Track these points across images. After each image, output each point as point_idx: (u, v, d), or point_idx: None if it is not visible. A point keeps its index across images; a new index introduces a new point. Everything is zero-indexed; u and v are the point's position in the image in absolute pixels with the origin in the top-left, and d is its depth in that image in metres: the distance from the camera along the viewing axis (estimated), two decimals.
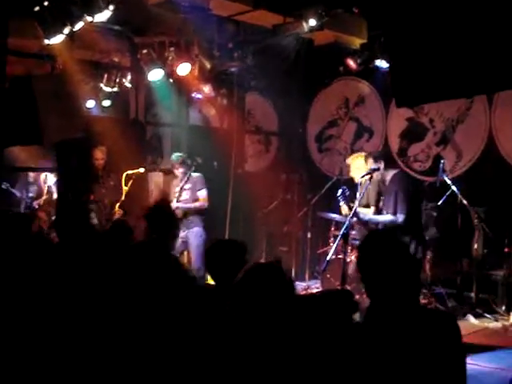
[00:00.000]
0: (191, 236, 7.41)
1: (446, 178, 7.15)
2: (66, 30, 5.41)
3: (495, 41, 4.73)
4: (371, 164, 6.17)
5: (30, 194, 8.75)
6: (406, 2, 5.15)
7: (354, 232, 6.79)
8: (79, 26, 5.28)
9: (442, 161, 7.44)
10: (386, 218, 6.09)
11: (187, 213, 7.44)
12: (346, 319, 2.66)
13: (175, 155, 7.79)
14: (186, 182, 7.55)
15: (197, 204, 7.52)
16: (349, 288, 6.01)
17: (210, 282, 3.45)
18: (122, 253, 3.17)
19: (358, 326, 2.64)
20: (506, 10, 4.62)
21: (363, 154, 6.84)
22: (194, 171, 7.64)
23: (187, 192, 7.55)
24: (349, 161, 7.11)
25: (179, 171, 7.63)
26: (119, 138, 7.99)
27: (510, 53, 4.66)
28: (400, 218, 5.94)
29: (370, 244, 2.75)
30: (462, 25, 4.85)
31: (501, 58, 4.73)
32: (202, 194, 7.61)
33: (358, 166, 6.71)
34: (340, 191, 6.33)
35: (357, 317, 2.83)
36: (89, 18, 5.07)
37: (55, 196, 8.61)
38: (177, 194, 7.44)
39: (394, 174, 6.26)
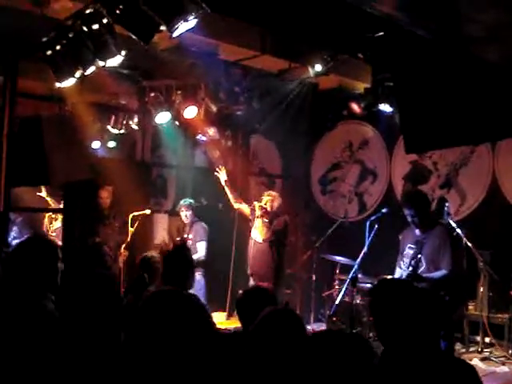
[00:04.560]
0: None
1: (450, 221, 7.16)
2: (78, 74, 5.46)
3: (499, 92, 4.84)
4: None
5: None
6: (413, 51, 5.26)
7: (360, 275, 6.78)
8: (91, 70, 5.35)
9: (446, 204, 7.45)
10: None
11: None
12: (366, 362, 2.64)
13: (184, 199, 7.86)
14: (189, 231, 7.65)
15: (194, 256, 7.47)
16: (355, 332, 5.98)
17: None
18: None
19: (375, 370, 2.63)
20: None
21: None
22: (198, 217, 7.74)
23: (189, 242, 7.61)
24: None
25: (186, 216, 7.69)
26: (125, 178, 8.04)
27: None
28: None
29: (382, 289, 2.77)
30: (467, 74, 4.96)
31: (505, 108, 4.83)
32: (201, 246, 7.67)
33: None
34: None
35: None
36: (101, 63, 5.14)
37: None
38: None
39: None
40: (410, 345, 2.53)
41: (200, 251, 7.65)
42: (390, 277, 5.93)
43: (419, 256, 5.70)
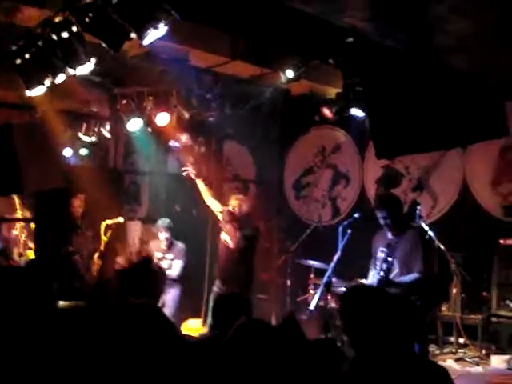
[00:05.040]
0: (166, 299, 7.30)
1: (422, 224, 7.23)
2: (48, 82, 5.42)
3: (467, 98, 4.92)
4: None
5: None
6: (382, 56, 5.32)
7: (334, 279, 6.81)
8: (61, 78, 5.31)
9: (418, 207, 7.52)
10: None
11: None
12: (334, 369, 2.67)
13: (162, 220, 7.78)
14: (168, 251, 7.58)
15: (168, 271, 7.40)
16: (329, 336, 6.01)
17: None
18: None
19: (345, 376, 2.65)
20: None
21: None
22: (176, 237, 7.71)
23: (167, 262, 7.54)
24: None
25: (163, 236, 7.63)
26: (97, 186, 7.98)
27: (482, 109, 4.84)
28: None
29: (352, 296, 2.78)
30: (436, 80, 5.04)
31: (473, 113, 4.91)
32: (177, 264, 7.60)
33: None
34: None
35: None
36: (71, 71, 5.10)
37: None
38: (155, 261, 7.34)
39: None
40: (382, 350, 2.55)
41: (175, 269, 7.56)
42: (362, 281, 5.98)
43: (390, 259, 5.73)
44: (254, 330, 2.40)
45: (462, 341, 7.62)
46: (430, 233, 7.16)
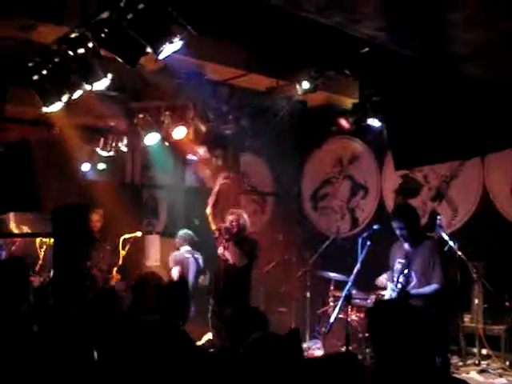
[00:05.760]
0: None
1: (443, 234, 7.15)
2: (65, 98, 5.46)
3: (485, 106, 4.86)
4: None
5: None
6: (399, 66, 5.29)
7: (354, 291, 6.75)
8: (78, 94, 5.34)
9: (438, 217, 7.44)
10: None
11: None
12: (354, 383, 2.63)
13: (183, 232, 7.78)
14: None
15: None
16: (350, 349, 5.95)
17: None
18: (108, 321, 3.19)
19: None
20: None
21: None
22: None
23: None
24: None
25: (185, 249, 7.64)
26: (115, 201, 8.02)
27: (500, 118, 4.78)
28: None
29: (379, 311, 2.76)
30: (453, 89, 4.99)
31: (493, 122, 4.85)
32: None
33: None
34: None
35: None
36: (87, 87, 5.13)
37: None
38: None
39: None
40: (405, 363, 2.51)
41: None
42: (386, 296, 5.91)
43: (406, 271, 5.67)
44: (269, 344, 2.37)
45: (484, 352, 7.49)
46: (451, 243, 7.07)
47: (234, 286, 6.67)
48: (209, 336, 7.27)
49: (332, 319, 5.55)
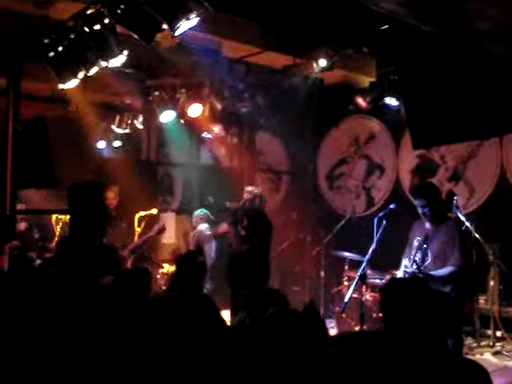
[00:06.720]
0: None
1: (459, 215, 7.08)
2: (81, 75, 5.44)
3: (506, 85, 4.77)
4: None
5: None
6: (418, 44, 5.21)
7: (369, 271, 6.74)
8: (94, 71, 5.32)
9: (455, 197, 7.38)
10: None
11: None
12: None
13: (200, 210, 7.79)
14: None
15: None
16: (365, 328, 5.95)
17: None
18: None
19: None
20: None
21: None
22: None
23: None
24: None
25: (204, 227, 7.65)
26: (131, 178, 8.02)
27: None
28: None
29: (393, 288, 2.74)
30: (474, 67, 4.90)
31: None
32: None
33: None
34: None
35: None
36: (103, 63, 5.11)
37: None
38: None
39: None
40: (416, 342, 2.51)
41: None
42: (399, 275, 5.88)
43: (424, 247, 5.62)
44: (285, 319, 2.36)
45: (499, 334, 7.47)
46: (467, 223, 7.01)
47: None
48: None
49: (346, 299, 5.53)
